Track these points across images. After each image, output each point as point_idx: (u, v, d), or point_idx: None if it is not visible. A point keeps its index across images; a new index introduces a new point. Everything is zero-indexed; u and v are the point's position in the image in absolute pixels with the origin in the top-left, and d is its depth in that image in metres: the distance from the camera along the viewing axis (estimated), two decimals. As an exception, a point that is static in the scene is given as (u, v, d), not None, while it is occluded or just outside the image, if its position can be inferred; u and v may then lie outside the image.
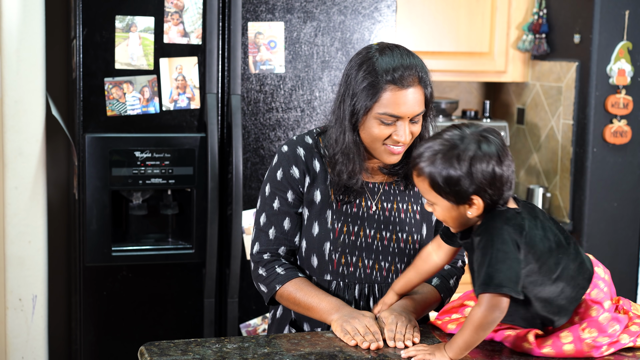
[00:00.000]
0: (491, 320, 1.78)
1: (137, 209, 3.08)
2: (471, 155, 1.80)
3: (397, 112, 2.01)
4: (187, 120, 3.04)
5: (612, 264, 3.79)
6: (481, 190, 1.80)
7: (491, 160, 1.80)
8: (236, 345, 1.94)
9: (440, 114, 3.88)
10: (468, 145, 1.81)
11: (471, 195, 1.81)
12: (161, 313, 3.09)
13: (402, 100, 2.01)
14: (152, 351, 1.88)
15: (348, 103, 2.05)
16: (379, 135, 2.04)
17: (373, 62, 2.03)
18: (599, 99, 3.68)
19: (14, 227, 3.10)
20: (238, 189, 3.02)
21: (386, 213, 2.15)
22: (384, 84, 2.01)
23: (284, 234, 2.16)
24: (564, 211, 3.83)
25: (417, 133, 2.08)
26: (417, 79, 2.04)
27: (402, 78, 2.01)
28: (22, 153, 3.08)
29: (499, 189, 1.81)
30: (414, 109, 2.03)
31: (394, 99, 2.01)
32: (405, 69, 2.02)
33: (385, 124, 2.03)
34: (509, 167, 1.82)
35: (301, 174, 2.15)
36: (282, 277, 2.12)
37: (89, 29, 2.91)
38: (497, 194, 1.82)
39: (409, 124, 2.04)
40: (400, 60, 2.03)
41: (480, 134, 1.83)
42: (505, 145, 1.84)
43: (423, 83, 2.05)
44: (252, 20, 3.04)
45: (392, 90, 2.01)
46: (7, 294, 3.12)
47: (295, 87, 3.10)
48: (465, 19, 3.88)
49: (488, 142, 1.82)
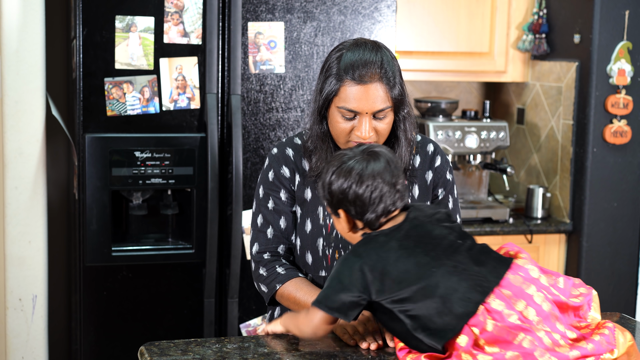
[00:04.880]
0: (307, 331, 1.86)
1: (137, 209, 3.08)
2: (333, 170, 1.89)
3: (354, 107, 2.03)
4: (187, 120, 3.04)
5: (612, 264, 3.79)
6: (342, 205, 1.89)
7: (349, 178, 1.87)
8: (236, 345, 1.94)
9: (440, 114, 3.88)
10: (338, 161, 1.91)
11: (337, 208, 1.90)
12: (161, 313, 3.09)
13: (359, 96, 2.02)
14: (152, 351, 1.88)
15: (318, 95, 2.10)
16: (341, 130, 2.06)
17: (340, 55, 2.06)
18: (599, 99, 3.68)
19: (14, 227, 3.10)
20: (238, 189, 3.02)
21: None
22: (344, 79, 2.03)
23: (281, 232, 2.18)
24: (564, 211, 3.83)
25: (383, 131, 2.07)
26: (378, 76, 2.03)
27: (362, 74, 2.02)
28: (22, 153, 3.08)
29: (361, 207, 1.87)
30: (373, 106, 2.03)
31: (351, 93, 2.02)
32: (366, 65, 2.02)
33: (346, 119, 2.05)
34: (374, 189, 1.86)
35: (291, 173, 2.19)
36: (282, 276, 2.14)
37: (89, 29, 2.91)
38: (360, 212, 1.88)
39: (371, 120, 2.04)
40: (363, 56, 2.04)
41: (365, 152, 1.91)
42: (385, 169, 1.88)
43: (386, 80, 2.04)
44: (252, 20, 3.05)
45: (350, 85, 2.02)
46: (7, 294, 3.12)
47: (295, 87, 3.10)
48: (465, 19, 3.88)
49: (362, 161, 1.89)
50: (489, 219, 3.79)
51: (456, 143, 3.80)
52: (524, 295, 1.74)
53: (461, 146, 3.81)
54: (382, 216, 1.87)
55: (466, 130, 3.82)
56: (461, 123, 3.84)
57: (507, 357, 1.67)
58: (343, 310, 1.79)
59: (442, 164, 2.22)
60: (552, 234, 3.80)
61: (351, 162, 1.89)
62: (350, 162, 1.89)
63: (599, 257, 3.77)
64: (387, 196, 1.87)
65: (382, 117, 2.05)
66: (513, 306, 1.72)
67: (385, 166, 1.88)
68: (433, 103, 3.88)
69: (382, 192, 1.86)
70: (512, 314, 1.71)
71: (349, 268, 1.80)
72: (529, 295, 1.74)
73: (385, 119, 2.06)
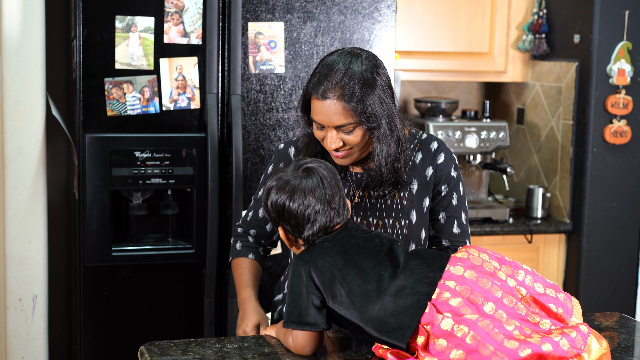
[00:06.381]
0: (296, 352, 1.87)
1: (137, 209, 3.08)
2: (271, 186, 1.94)
3: (318, 120, 2.09)
4: (187, 120, 3.04)
5: (612, 264, 3.79)
6: (280, 223, 1.93)
7: (283, 194, 1.91)
8: (236, 345, 1.94)
9: (440, 114, 3.88)
10: (276, 177, 1.95)
11: (277, 225, 1.95)
12: (161, 313, 3.09)
13: (319, 109, 2.07)
14: (152, 351, 1.88)
15: (302, 100, 2.17)
16: (319, 136, 2.13)
17: (321, 64, 2.12)
18: (599, 99, 3.68)
19: (14, 227, 3.10)
20: (238, 189, 3.02)
21: (372, 200, 2.19)
22: (312, 93, 2.09)
23: (257, 220, 2.32)
24: (563, 211, 3.83)
25: (354, 142, 2.09)
26: (339, 93, 2.04)
27: (324, 89, 2.06)
28: (22, 153, 3.08)
29: (296, 225, 1.90)
30: (332, 120, 2.06)
31: (315, 106, 2.09)
32: (328, 81, 2.06)
33: (318, 128, 2.12)
34: (306, 207, 1.89)
35: None
36: (235, 252, 2.33)
37: (89, 29, 2.91)
38: (297, 230, 1.91)
39: (338, 132, 2.08)
40: (330, 71, 2.06)
41: (300, 169, 1.94)
42: (317, 186, 1.90)
43: (346, 97, 2.04)
44: (252, 20, 3.05)
45: (314, 100, 2.09)
46: (7, 294, 3.13)
47: (295, 87, 3.11)
48: (465, 19, 3.89)
49: (295, 178, 1.92)
50: (489, 219, 3.79)
51: (456, 143, 3.80)
52: (477, 287, 1.75)
53: (461, 146, 3.81)
54: (319, 233, 1.90)
55: (466, 130, 3.82)
56: (461, 123, 3.84)
57: (452, 357, 1.67)
58: (312, 320, 1.81)
59: (446, 160, 2.22)
60: (552, 234, 3.80)
61: (286, 178, 1.93)
62: (285, 179, 1.93)
63: (598, 257, 3.77)
64: (322, 214, 1.89)
65: (347, 131, 2.08)
66: (467, 299, 1.73)
67: (318, 183, 1.91)
68: (433, 103, 3.88)
69: (315, 209, 1.89)
70: (463, 306, 1.73)
71: (299, 277, 1.83)
72: (483, 289, 1.74)
73: (352, 133, 2.09)
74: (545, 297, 1.78)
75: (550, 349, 1.65)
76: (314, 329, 1.82)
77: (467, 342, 1.66)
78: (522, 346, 1.65)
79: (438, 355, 1.68)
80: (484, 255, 1.83)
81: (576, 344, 1.68)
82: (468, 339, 1.66)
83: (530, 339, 1.67)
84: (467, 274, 1.77)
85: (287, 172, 1.94)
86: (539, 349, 1.65)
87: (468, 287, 1.75)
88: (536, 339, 1.67)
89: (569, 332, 1.70)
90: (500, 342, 1.66)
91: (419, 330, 1.72)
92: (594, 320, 2.18)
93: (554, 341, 1.67)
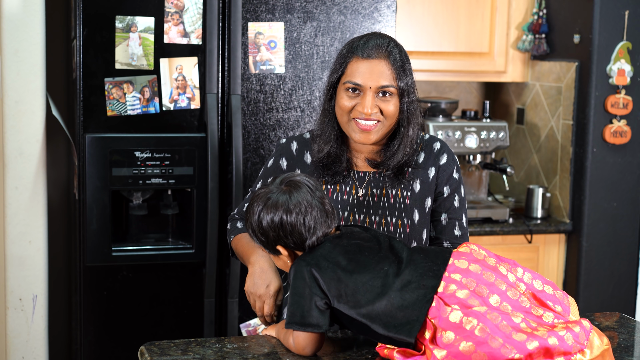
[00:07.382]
0: (298, 353, 1.86)
1: (137, 209, 3.09)
2: (260, 208, 1.91)
3: (359, 80, 2.09)
4: (187, 120, 3.04)
5: (612, 264, 3.79)
6: (280, 241, 1.91)
7: (278, 211, 1.89)
8: (236, 345, 1.94)
9: (440, 114, 3.88)
10: (261, 199, 1.92)
11: (275, 245, 1.92)
12: (161, 313, 3.09)
13: (363, 69, 2.09)
14: (152, 351, 1.88)
15: (330, 75, 2.18)
16: (346, 107, 2.11)
17: (353, 41, 2.15)
18: (599, 99, 3.68)
19: (14, 227, 3.10)
20: (238, 189, 3.02)
21: (375, 199, 2.20)
22: (352, 56, 2.11)
23: None
24: (563, 211, 3.83)
25: (390, 112, 2.11)
26: (385, 55, 2.10)
27: (370, 51, 2.09)
28: (22, 153, 3.08)
29: (299, 236, 1.89)
30: (377, 81, 2.08)
31: (356, 67, 2.10)
32: (374, 46, 2.11)
33: (350, 95, 2.11)
34: (305, 215, 1.88)
35: (289, 166, 2.26)
36: (236, 230, 2.28)
37: (89, 29, 2.91)
38: (299, 241, 1.90)
39: (375, 98, 2.09)
40: (374, 40, 2.12)
41: (283, 183, 1.93)
42: (308, 193, 1.90)
43: (392, 59, 2.10)
44: (252, 20, 3.05)
45: (356, 61, 2.10)
46: (7, 294, 3.13)
47: (295, 87, 3.11)
48: (465, 19, 3.89)
49: (284, 192, 1.90)
50: (489, 219, 3.79)
51: (456, 143, 3.80)
52: (482, 280, 1.75)
53: (461, 146, 3.81)
54: (322, 238, 1.90)
55: (466, 130, 3.82)
56: (461, 123, 3.84)
57: (461, 349, 1.67)
58: (314, 321, 1.81)
59: (449, 162, 2.23)
60: (551, 234, 3.80)
61: (274, 195, 1.91)
62: (273, 196, 1.91)
63: (598, 257, 3.77)
64: (320, 218, 1.90)
65: (387, 95, 2.10)
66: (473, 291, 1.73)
67: (307, 190, 1.91)
68: (433, 103, 3.88)
69: (314, 215, 1.89)
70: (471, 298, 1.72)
71: (301, 278, 1.83)
72: (487, 282, 1.75)
73: (390, 101, 2.10)
74: (543, 293, 1.79)
75: (556, 342, 1.66)
76: (316, 330, 1.82)
77: (476, 334, 1.66)
78: (529, 339, 1.65)
79: (447, 347, 1.68)
80: (483, 251, 1.85)
81: (579, 339, 1.69)
82: (477, 331, 1.67)
83: (537, 332, 1.67)
84: (472, 267, 1.78)
85: (272, 190, 1.93)
86: (545, 342, 1.65)
87: (473, 279, 1.76)
88: (542, 332, 1.68)
89: (572, 326, 1.71)
90: (509, 334, 1.66)
91: (426, 324, 1.73)
92: (594, 320, 2.18)
93: (559, 335, 1.67)
